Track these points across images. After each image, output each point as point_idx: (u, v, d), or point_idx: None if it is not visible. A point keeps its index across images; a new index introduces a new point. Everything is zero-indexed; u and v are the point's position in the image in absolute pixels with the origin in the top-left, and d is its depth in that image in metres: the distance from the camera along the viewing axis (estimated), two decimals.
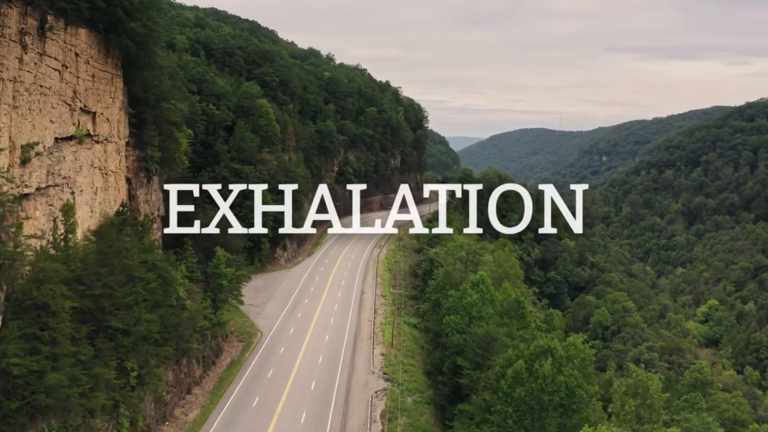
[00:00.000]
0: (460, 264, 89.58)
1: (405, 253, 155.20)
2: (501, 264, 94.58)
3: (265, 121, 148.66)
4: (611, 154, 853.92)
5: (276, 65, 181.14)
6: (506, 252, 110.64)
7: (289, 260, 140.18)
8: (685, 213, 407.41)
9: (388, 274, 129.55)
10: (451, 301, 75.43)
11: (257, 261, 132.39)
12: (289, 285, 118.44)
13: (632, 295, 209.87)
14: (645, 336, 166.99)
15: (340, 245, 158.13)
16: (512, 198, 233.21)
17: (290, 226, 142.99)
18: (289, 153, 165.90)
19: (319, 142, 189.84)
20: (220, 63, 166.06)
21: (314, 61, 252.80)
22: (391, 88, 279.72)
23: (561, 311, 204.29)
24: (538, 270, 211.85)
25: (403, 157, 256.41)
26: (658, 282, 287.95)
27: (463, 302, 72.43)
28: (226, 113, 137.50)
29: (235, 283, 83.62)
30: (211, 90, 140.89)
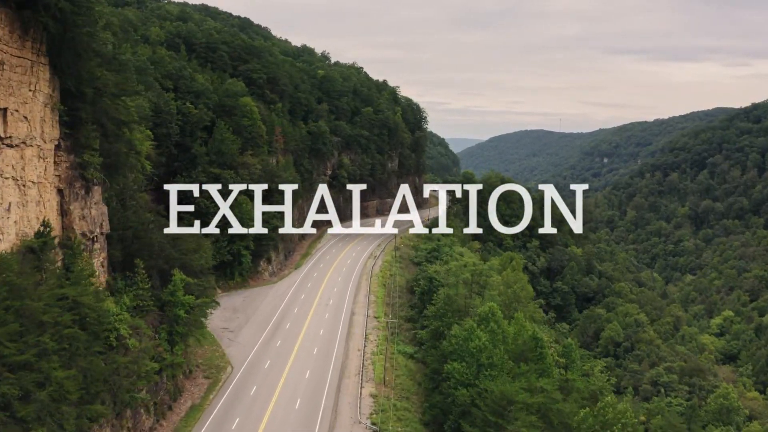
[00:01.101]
0: (463, 287, 77.38)
1: (402, 264, 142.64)
2: (510, 284, 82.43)
3: (249, 121, 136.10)
4: (612, 155, 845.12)
5: (264, 62, 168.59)
6: (515, 271, 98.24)
7: (274, 274, 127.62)
8: (692, 217, 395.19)
9: (382, 291, 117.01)
10: (454, 342, 62.86)
11: (237, 276, 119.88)
12: (271, 304, 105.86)
13: (644, 306, 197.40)
14: (661, 354, 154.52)
15: (331, 256, 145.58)
16: (516, 203, 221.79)
17: (289, 226, 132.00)
18: (277, 156, 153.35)
19: (310, 143, 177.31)
20: (203, 59, 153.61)
21: (307, 59, 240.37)
22: (389, 88, 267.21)
23: (568, 324, 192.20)
24: (544, 280, 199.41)
25: (401, 160, 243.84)
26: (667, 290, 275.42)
27: (469, 345, 59.83)
28: (205, 112, 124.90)
29: (198, 313, 70.81)
30: (189, 87, 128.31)
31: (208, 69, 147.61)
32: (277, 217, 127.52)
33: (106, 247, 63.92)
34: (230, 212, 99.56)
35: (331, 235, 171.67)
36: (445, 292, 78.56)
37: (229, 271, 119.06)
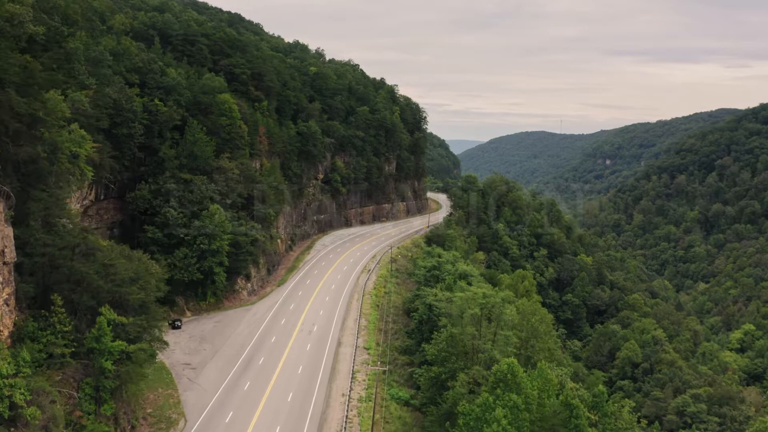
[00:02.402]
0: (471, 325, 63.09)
1: (398, 279, 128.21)
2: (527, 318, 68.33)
3: (228, 121, 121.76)
4: (615, 157, 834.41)
5: (249, 56, 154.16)
6: (531, 297, 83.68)
7: (254, 292, 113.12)
8: (702, 221, 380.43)
9: (375, 313, 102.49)
10: (463, 424, 47.98)
11: (210, 296, 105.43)
12: (246, 331, 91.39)
13: (661, 321, 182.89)
14: (684, 378, 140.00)
15: (320, 270, 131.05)
16: (522, 209, 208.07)
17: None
18: (261, 158, 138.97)
19: (299, 145, 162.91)
20: (179, 52, 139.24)
21: (299, 56, 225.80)
22: (386, 86, 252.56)
23: (579, 340, 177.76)
24: (552, 292, 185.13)
25: (399, 163, 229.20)
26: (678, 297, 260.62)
27: (484, 430, 45.19)
28: (175, 110, 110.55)
29: (137, 361, 56.09)
30: (159, 82, 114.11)
31: (184, 63, 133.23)
32: (256, 228, 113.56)
33: (12, 281, 49.49)
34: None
35: (321, 245, 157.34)
36: (449, 330, 64.28)
37: (200, 290, 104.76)
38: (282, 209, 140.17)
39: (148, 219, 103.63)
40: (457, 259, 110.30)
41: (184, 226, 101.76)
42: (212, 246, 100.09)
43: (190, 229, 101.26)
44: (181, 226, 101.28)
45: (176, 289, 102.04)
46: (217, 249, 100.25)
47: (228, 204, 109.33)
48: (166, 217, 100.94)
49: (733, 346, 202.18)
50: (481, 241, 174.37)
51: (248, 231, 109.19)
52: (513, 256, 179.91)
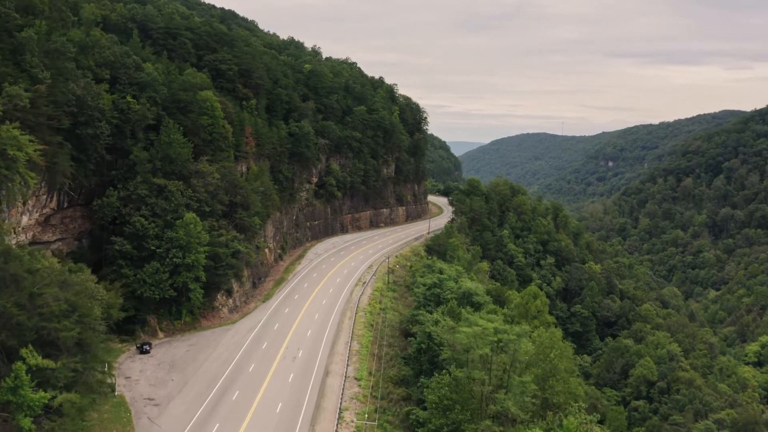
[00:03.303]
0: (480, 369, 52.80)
1: (396, 293, 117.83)
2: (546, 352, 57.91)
3: (210, 120, 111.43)
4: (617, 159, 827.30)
5: (237, 51, 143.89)
6: (549, 328, 73.09)
7: (236, 309, 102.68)
8: (710, 225, 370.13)
9: (368, 334, 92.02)
10: None
11: (186, 315, 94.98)
12: (222, 357, 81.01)
13: (675, 334, 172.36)
14: (704, 399, 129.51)
15: (311, 283, 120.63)
16: (527, 215, 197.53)
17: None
18: (248, 161, 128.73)
19: (291, 147, 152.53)
20: (160, 46, 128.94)
21: (294, 53, 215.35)
22: (385, 85, 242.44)
23: (589, 355, 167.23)
24: (560, 302, 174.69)
25: (398, 165, 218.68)
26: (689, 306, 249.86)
27: None
28: (149, 108, 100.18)
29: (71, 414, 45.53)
30: (132, 78, 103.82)
31: (164, 58, 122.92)
32: (238, 238, 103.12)
33: None
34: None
35: (314, 254, 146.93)
36: (453, 373, 53.92)
37: (175, 308, 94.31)
38: (271, 216, 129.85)
39: (117, 229, 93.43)
40: (460, 274, 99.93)
41: (157, 237, 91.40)
42: (187, 260, 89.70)
43: (163, 241, 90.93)
44: (152, 237, 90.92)
45: (147, 308, 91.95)
46: (192, 263, 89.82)
47: (207, 212, 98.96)
48: (136, 228, 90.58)
49: (750, 359, 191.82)
50: (485, 249, 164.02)
51: (229, 242, 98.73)
52: (519, 264, 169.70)
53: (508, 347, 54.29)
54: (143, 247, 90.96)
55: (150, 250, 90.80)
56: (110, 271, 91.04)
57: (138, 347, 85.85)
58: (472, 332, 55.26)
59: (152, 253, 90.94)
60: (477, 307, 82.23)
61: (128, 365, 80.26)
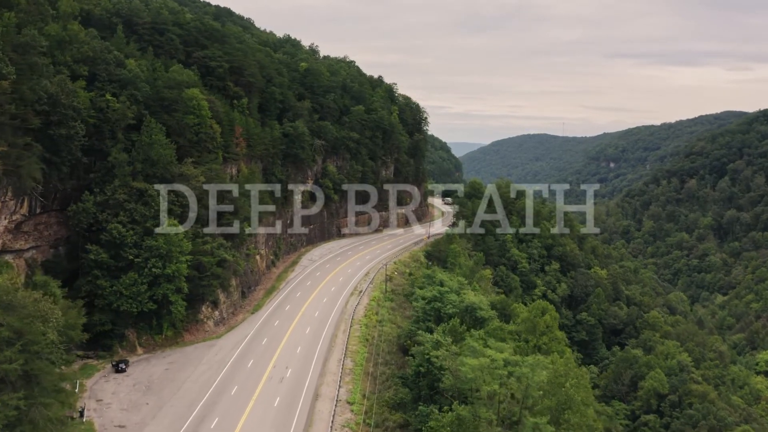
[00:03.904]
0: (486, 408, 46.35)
1: (394, 302, 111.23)
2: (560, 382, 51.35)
3: (196, 119, 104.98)
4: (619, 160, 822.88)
5: (228, 48, 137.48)
6: (566, 356, 66.11)
7: (222, 322, 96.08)
8: (716, 228, 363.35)
9: (363, 351, 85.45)
10: None
11: (167, 329, 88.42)
12: (203, 377, 74.48)
13: (685, 343, 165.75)
14: (719, 414, 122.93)
15: (304, 291, 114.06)
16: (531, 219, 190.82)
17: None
18: (238, 163, 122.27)
19: (285, 148, 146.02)
20: (146, 42, 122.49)
21: (290, 51, 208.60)
22: (384, 84, 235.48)
23: (596, 365, 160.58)
24: (565, 310, 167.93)
25: (398, 167, 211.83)
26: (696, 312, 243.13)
27: None
28: (128, 107, 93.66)
29: None
30: (113, 74, 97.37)
31: (149, 54, 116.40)
32: (225, 246, 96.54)
33: None
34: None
35: (308, 260, 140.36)
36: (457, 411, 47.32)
37: (155, 322, 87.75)
38: (262, 220, 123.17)
39: (93, 236, 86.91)
40: (462, 285, 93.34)
41: (135, 245, 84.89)
42: (167, 270, 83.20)
43: (142, 250, 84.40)
44: (130, 245, 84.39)
45: (125, 322, 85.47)
46: (172, 273, 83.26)
47: (192, 218, 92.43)
48: (113, 235, 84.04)
49: (761, 368, 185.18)
50: (488, 254, 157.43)
51: (215, 250, 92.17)
52: (522, 270, 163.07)
53: (521, 381, 47.74)
54: (120, 256, 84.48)
55: (128, 260, 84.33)
56: (85, 282, 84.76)
57: (113, 365, 79.52)
58: (479, 365, 48.64)
59: (130, 262, 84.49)
60: (481, 322, 75.80)
61: (101, 386, 73.90)
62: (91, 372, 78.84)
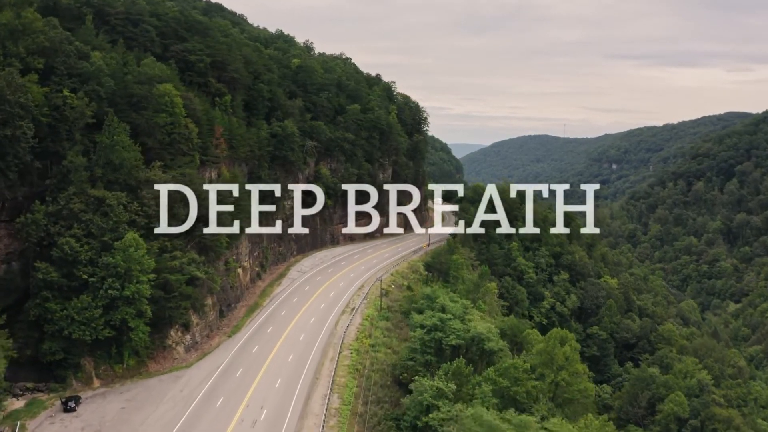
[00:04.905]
0: None
1: (390, 321, 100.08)
2: None
3: (169, 118, 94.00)
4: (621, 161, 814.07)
5: (211, 41, 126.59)
6: (602, 420, 55.41)
7: (195, 346, 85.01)
8: (725, 232, 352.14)
9: (353, 384, 74.37)
10: None
11: (129, 357, 77.30)
12: (163, 420, 63.53)
13: (703, 359, 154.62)
14: None
15: (289, 309, 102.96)
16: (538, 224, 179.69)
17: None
18: (219, 166, 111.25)
19: (272, 149, 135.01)
20: (118, 34, 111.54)
21: (281, 46, 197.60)
22: (382, 83, 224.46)
23: (606, 382, 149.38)
24: (575, 323, 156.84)
25: (396, 169, 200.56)
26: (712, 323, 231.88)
27: None
28: (87, 103, 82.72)
29: None
30: (73, 68, 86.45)
31: (120, 46, 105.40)
32: (196, 261, 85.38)
33: None
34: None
35: (298, 272, 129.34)
36: None
37: (115, 350, 76.65)
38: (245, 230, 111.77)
39: (45, 252, 75.94)
40: (467, 309, 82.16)
41: (90, 263, 73.89)
42: (126, 291, 72.13)
43: (98, 268, 73.36)
44: (84, 263, 73.38)
45: (79, 350, 74.45)
46: (132, 296, 72.18)
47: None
48: (64, 251, 73.01)
49: None
50: (492, 264, 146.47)
51: (184, 266, 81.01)
52: (529, 281, 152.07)
53: None
54: (73, 275, 73.46)
55: (82, 280, 73.30)
56: (34, 305, 73.81)
57: (62, 403, 68.49)
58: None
59: (84, 283, 73.45)
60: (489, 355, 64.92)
61: (44, 429, 62.85)
62: (37, 410, 67.97)
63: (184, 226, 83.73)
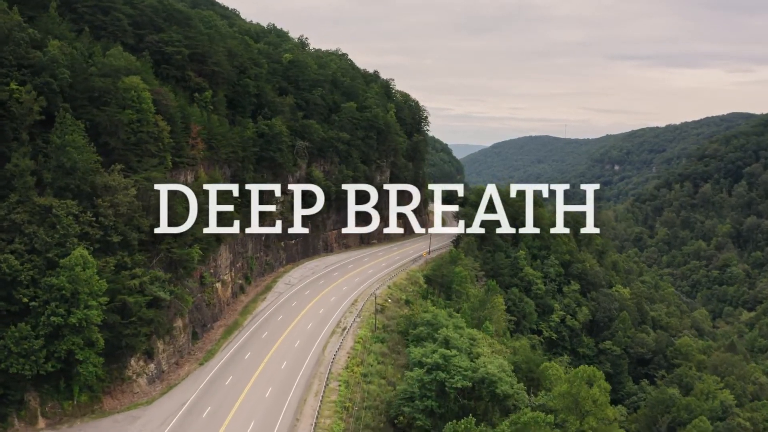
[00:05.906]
0: None
1: (387, 344, 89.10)
2: None
3: (136, 115, 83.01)
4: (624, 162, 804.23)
5: (191, 32, 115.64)
6: None
7: (160, 377, 73.97)
8: (734, 236, 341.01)
9: (339, 427, 63.21)
10: None
11: (79, 393, 66.20)
12: None
13: (723, 376, 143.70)
14: None
15: (273, 330, 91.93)
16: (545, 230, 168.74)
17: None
18: (196, 169, 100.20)
19: (259, 150, 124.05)
20: (85, 22, 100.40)
21: (273, 41, 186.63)
22: (380, 80, 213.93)
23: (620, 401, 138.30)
24: (586, 337, 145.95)
25: (394, 171, 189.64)
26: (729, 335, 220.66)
27: None
28: (34, 98, 71.69)
29: None
30: (23, 58, 75.49)
31: (86, 35, 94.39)
32: (159, 280, 74.28)
33: None
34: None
35: (285, 284, 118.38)
36: None
37: (63, 384, 65.60)
38: (223, 240, 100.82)
39: None
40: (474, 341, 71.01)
41: (32, 283, 62.92)
42: (71, 318, 61.10)
43: (40, 290, 62.40)
44: (25, 284, 62.42)
45: (20, 385, 63.37)
46: (78, 323, 61.17)
47: (115, 243, 70.40)
48: (2, 270, 61.99)
49: None
50: (498, 274, 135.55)
51: (145, 285, 69.93)
52: (537, 293, 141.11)
53: None
54: (13, 298, 62.54)
55: (22, 304, 62.35)
56: None
57: None
58: None
59: (26, 307, 62.52)
60: (502, 401, 54.09)
61: None
62: None
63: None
